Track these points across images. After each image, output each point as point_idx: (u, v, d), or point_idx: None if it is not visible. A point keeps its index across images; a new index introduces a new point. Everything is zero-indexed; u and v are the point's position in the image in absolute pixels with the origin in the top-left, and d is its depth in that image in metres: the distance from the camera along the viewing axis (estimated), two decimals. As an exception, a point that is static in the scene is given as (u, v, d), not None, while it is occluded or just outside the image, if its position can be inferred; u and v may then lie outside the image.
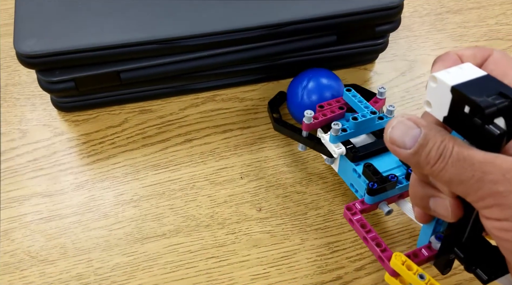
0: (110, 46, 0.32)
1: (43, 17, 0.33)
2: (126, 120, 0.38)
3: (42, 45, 0.31)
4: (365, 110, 0.32)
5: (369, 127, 0.31)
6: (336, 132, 0.30)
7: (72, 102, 0.37)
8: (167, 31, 0.33)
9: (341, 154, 0.31)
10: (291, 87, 0.37)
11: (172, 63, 0.35)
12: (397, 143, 0.20)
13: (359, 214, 0.28)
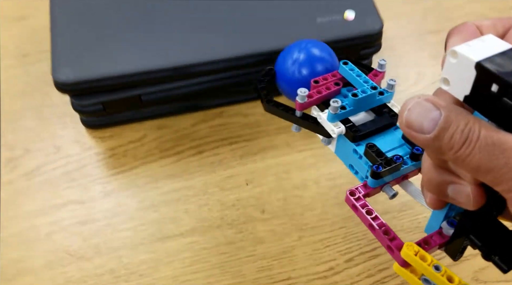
0: (134, 73, 0.37)
1: (76, 46, 0.38)
2: (145, 135, 0.44)
3: (76, 73, 0.36)
4: (364, 85, 0.29)
5: (369, 104, 0.29)
6: (335, 110, 0.28)
7: (98, 120, 0.43)
8: (181, 58, 0.39)
9: (340, 133, 0.28)
10: (280, 61, 0.34)
11: (185, 86, 0.41)
12: (414, 127, 0.18)
13: (363, 199, 0.26)
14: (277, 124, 0.45)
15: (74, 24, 0.39)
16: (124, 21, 0.40)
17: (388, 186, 0.27)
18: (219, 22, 0.41)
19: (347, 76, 0.31)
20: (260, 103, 0.47)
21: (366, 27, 0.40)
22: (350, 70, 0.31)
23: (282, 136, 0.44)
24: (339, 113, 0.28)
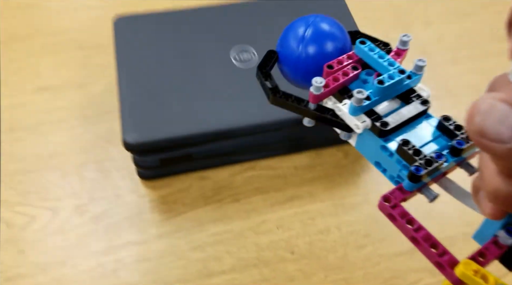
0: (189, 136, 0.45)
1: (140, 112, 0.46)
2: (191, 185, 0.51)
3: (141, 136, 0.45)
4: (390, 69, 0.25)
5: (396, 90, 0.25)
6: (359, 103, 0.23)
7: (152, 172, 0.50)
8: (226, 122, 0.47)
9: (366, 128, 0.24)
10: (284, 41, 0.28)
11: (227, 144, 0.49)
12: (489, 136, 0.15)
13: (400, 206, 0.22)
14: (300, 176, 0.52)
15: (138, 92, 0.48)
16: (179, 90, 0.49)
17: (427, 188, 0.23)
18: (254, 91, 0.50)
19: (367, 59, 0.26)
20: (286, 158, 0.55)
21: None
22: (370, 51, 0.26)
23: (306, 187, 0.52)
24: (363, 105, 0.23)
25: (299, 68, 0.27)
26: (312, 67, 0.27)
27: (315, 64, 0.27)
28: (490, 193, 0.17)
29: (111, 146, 0.54)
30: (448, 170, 0.23)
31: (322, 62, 0.26)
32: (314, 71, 0.26)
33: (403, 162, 0.23)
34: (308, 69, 0.27)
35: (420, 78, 0.26)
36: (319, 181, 0.52)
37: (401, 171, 0.23)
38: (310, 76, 0.26)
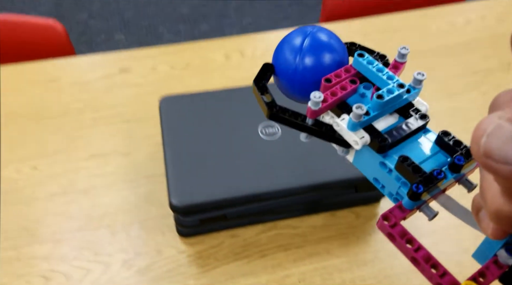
0: (225, 199, 0.54)
1: (184, 179, 0.55)
2: (223, 242, 0.59)
3: (185, 200, 0.53)
4: (389, 83, 0.24)
5: (394, 105, 0.24)
6: (358, 118, 0.23)
7: (189, 230, 0.58)
8: (256, 187, 0.55)
9: (365, 144, 0.23)
10: (280, 53, 0.27)
11: (256, 206, 0.57)
12: (495, 157, 0.14)
13: (400, 225, 0.21)
14: (318, 235, 0.60)
15: (181, 162, 0.57)
16: (216, 159, 0.57)
17: (426, 205, 0.22)
18: (279, 160, 0.58)
19: (365, 72, 0.25)
20: (305, 218, 0.63)
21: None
22: (368, 64, 0.25)
23: (323, 245, 0.59)
24: (362, 120, 0.23)
25: (295, 80, 0.26)
26: (309, 80, 0.25)
27: (313, 77, 0.25)
28: (493, 213, 0.17)
29: (153, 206, 0.62)
30: (447, 187, 0.23)
31: (320, 75, 0.25)
32: (311, 85, 0.25)
33: (402, 179, 0.22)
34: (305, 82, 0.25)
35: (419, 92, 0.25)
36: (334, 239, 0.59)
37: (400, 188, 0.23)
38: (306, 89, 0.25)
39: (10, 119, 0.72)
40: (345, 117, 0.24)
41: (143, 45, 1.88)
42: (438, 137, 0.23)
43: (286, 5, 2.11)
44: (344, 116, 0.24)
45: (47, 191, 0.63)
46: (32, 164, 0.66)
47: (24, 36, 0.83)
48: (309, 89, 0.25)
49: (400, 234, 0.21)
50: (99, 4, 2.07)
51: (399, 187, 0.23)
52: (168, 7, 2.07)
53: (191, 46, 0.86)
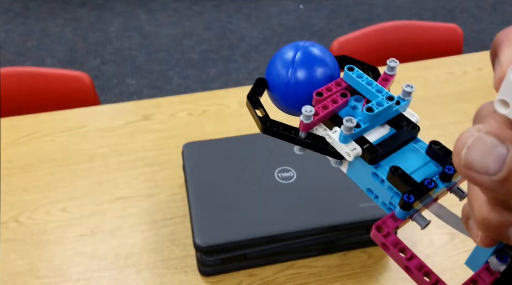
0: (246, 239, 0.58)
1: (207, 221, 0.59)
2: (241, 281, 0.62)
3: (209, 240, 0.57)
4: (379, 96, 0.25)
5: (385, 117, 0.25)
6: (349, 131, 0.23)
7: (210, 270, 0.62)
8: (274, 228, 0.59)
9: (357, 155, 0.24)
10: (273, 67, 0.27)
11: (274, 247, 0.61)
12: (476, 168, 0.15)
13: (393, 234, 0.22)
14: (332, 274, 0.63)
15: (204, 204, 0.61)
16: (237, 202, 0.62)
17: (419, 214, 0.23)
18: (295, 202, 0.63)
19: (356, 85, 0.26)
20: (320, 258, 0.66)
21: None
22: (358, 77, 0.26)
23: (338, 284, 0.62)
24: (353, 132, 0.24)
25: (288, 94, 0.27)
26: (301, 93, 0.26)
27: (305, 90, 0.26)
28: (480, 222, 0.17)
29: (176, 247, 0.66)
30: (439, 196, 0.23)
31: (312, 88, 0.26)
32: (304, 98, 0.26)
33: (395, 189, 0.23)
34: (298, 95, 0.26)
35: (409, 103, 0.26)
36: (348, 278, 0.62)
37: (392, 198, 0.23)
38: (299, 103, 0.26)
39: (41, 164, 0.77)
40: (337, 129, 0.25)
41: (153, 89, 1.96)
42: (429, 146, 0.24)
43: (290, 51, 2.21)
44: (336, 128, 0.25)
45: (76, 231, 0.67)
46: (62, 206, 0.70)
47: (55, 87, 0.89)
48: (302, 103, 0.26)
49: (393, 244, 0.21)
50: (111, 50, 2.16)
51: (392, 197, 0.23)
52: (178, 53, 2.17)
53: (207, 94, 0.92)
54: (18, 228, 0.67)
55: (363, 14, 2.49)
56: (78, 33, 2.27)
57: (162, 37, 2.27)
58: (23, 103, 0.90)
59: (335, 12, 2.49)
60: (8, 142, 0.80)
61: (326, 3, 2.55)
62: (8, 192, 0.72)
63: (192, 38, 2.27)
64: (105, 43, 2.21)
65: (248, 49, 2.21)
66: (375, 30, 1.04)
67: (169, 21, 2.38)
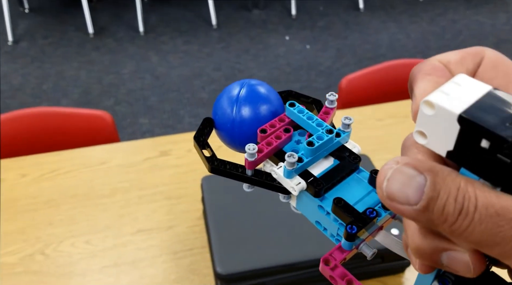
0: (265, 268, 0.60)
1: (226, 251, 0.62)
2: (261, 310, 0.64)
3: (230, 268, 0.59)
4: (319, 130, 0.25)
5: (327, 149, 0.25)
6: (292, 166, 0.24)
7: (230, 299, 0.63)
8: (291, 257, 0.61)
9: (302, 189, 0.24)
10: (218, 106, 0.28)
11: (291, 275, 0.63)
12: (398, 199, 0.15)
13: (340, 266, 0.22)
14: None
15: (224, 235, 0.64)
16: (254, 232, 0.64)
17: (365, 244, 0.23)
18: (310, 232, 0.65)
19: (297, 120, 0.27)
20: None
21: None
22: (299, 113, 0.27)
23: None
24: (296, 167, 0.24)
25: (234, 132, 0.28)
26: (246, 131, 0.27)
27: (250, 128, 0.27)
28: (414, 250, 0.18)
29: (195, 276, 0.67)
30: (384, 223, 0.24)
31: (256, 125, 0.27)
32: (249, 135, 0.27)
33: (340, 221, 0.23)
34: (243, 133, 0.27)
35: (349, 135, 0.26)
36: (365, 306, 0.64)
37: (339, 229, 0.24)
38: (245, 140, 0.27)
39: (65, 199, 0.80)
40: (282, 165, 0.25)
41: (165, 128, 2.01)
42: (370, 176, 0.24)
43: (298, 89, 2.27)
44: (281, 164, 0.25)
45: (99, 263, 0.69)
46: (86, 239, 0.73)
47: (77, 125, 0.94)
48: (247, 140, 0.27)
49: (341, 276, 0.22)
50: (124, 91, 2.24)
51: (338, 228, 0.24)
52: (188, 92, 2.24)
53: (222, 130, 0.96)
54: (44, 260, 0.70)
55: (368, 53, 2.57)
56: (92, 75, 2.35)
57: (173, 78, 2.35)
58: (47, 141, 0.95)
59: (341, 52, 2.57)
60: (33, 178, 0.84)
61: (332, 44, 2.64)
62: (34, 226, 0.75)
63: (202, 78, 2.35)
64: (118, 84, 2.29)
65: (257, 88, 2.27)
66: (382, 68, 1.09)
67: (180, 62, 2.47)
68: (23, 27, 2.73)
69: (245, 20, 2.86)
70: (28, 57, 2.48)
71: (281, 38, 2.68)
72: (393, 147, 0.89)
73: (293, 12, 2.91)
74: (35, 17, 2.84)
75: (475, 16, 2.94)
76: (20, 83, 2.29)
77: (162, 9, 2.94)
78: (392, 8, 3.03)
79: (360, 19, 2.90)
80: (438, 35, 2.76)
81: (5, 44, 2.57)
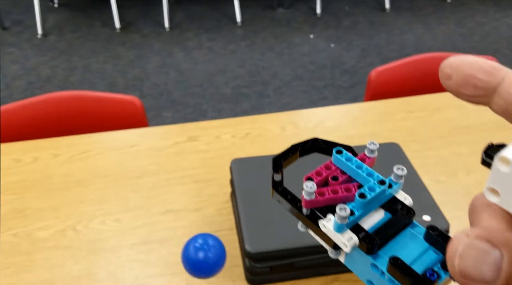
0: (294, 248, 0.60)
1: (255, 229, 0.62)
2: (288, 292, 0.64)
3: (259, 247, 0.59)
4: (370, 180, 0.24)
5: (378, 201, 0.24)
6: (344, 220, 0.22)
7: (257, 279, 0.64)
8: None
9: (354, 246, 0.23)
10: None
11: (319, 257, 0.63)
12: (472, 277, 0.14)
13: None
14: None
15: (253, 215, 0.64)
16: (283, 212, 0.64)
17: None
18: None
19: (345, 169, 0.26)
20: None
21: (439, 226, 0.62)
22: (347, 161, 0.25)
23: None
24: (348, 221, 0.23)
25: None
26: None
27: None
28: None
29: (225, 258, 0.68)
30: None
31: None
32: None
33: (396, 282, 0.22)
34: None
35: (401, 186, 0.25)
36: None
37: None
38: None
39: (96, 179, 0.81)
40: (330, 217, 0.23)
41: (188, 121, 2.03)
42: (426, 233, 0.23)
43: (322, 87, 2.27)
44: (329, 216, 0.23)
45: (129, 240, 0.70)
46: (115, 218, 0.74)
47: (108, 109, 0.95)
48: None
49: None
50: (149, 85, 2.27)
51: None
52: (212, 88, 2.26)
53: (250, 119, 0.97)
54: (75, 236, 0.71)
55: (394, 53, 2.55)
56: (118, 69, 2.39)
57: (197, 73, 2.37)
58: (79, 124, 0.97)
59: (366, 51, 2.56)
60: (65, 158, 0.86)
61: (357, 43, 2.63)
62: (66, 204, 0.77)
63: (225, 74, 2.36)
64: (143, 78, 2.32)
65: (281, 85, 2.28)
66: (411, 61, 1.08)
67: (204, 58, 2.49)
68: (52, 21, 2.79)
69: (269, 18, 2.87)
70: (57, 50, 2.54)
71: (306, 37, 2.68)
72: (423, 139, 0.88)
73: (318, 11, 2.90)
74: (64, 12, 2.90)
75: (504, 19, 2.89)
76: (49, 75, 2.34)
77: (188, 6, 2.97)
78: (419, 9, 3.00)
79: (386, 19, 2.88)
80: (465, 36, 2.72)
81: (35, 37, 2.63)
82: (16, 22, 2.76)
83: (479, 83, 0.16)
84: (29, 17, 2.77)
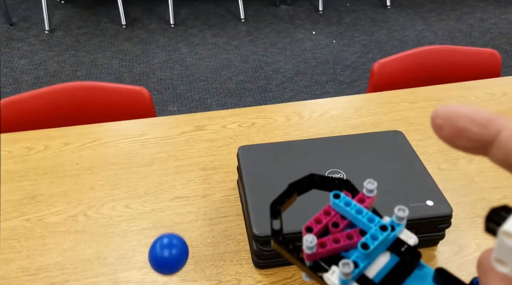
0: (300, 232, 0.61)
1: (264, 211, 0.64)
2: (294, 275, 0.65)
3: (265, 230, 0.61)
4: (371, 227, 0.23)
5: (382, 247, 0.23)
6: (348, 276, 0.22)
7: (263, 263, 0.65)
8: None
9: None
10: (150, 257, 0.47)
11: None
12: None
13: None
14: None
15: (260, 199, 0.66)
16: (288, 200, 0.66)
17: None
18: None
19: (345, 214, 0.25)
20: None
21: (442, 211, 0.64)
22: (346, 206, 0.24)
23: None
24: (353, 275, 0.22)
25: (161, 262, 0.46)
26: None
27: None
28: None
29: (231, 241, 0.70)
30: None
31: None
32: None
33: None
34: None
35: (403, 227, 0.24)
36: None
37: None
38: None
39: (106, 166, 0.83)
40: (334, 270, 0.22)
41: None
42: (435, 275, 0.22)
43: (324, 82, 2.29)
44: (334, 268, 0.23)
45: (139, 225, 0.72)
46: (125, 204, 0.76)
47: (117, 100, 0.97)
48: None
49: None
50: (155, 79, 2.29)
51: None
52: (216, 83, 2.27)
53: (255, 109, 0.98)
54: (86, 221, 0.73)
55: (395, 49, 2.56)
56: (124, 64, 2.41)
57: (201, 68, 2.39)
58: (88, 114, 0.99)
59: (367, 47, 2.57)
60: (75, 147, 0.88)
61: (358, 39, 2.64)
62: (77, 190, 0.79)
63: (230, 69, 2.38)
64: (149, 73, 2.34)
65: (283, 80, 2.29)
66: (413, 54, 1.09)
67: (209, 54, 2.50)
68: (59, 17, 2.81)
69: (272, 15, 2.89)
70: (64, 45, 2.56)
71: (308, 33, 2.70)
72: (426, 128, 0.90)
73: (320, 8, 2.92)
74: (71, 8, 2.92)
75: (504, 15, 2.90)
76: (56, 69, 2.37)
77: (192, 3, 2.99)
78: (420, 6, 3.01)
79: (387, 16, 2.89)
80: (465, 32, 2.73)
81: (42, 33, 2.66)
82: (23, 18, 2.79)
83: (473, 136, 0.16)
84: (36, 13, 2.79)
